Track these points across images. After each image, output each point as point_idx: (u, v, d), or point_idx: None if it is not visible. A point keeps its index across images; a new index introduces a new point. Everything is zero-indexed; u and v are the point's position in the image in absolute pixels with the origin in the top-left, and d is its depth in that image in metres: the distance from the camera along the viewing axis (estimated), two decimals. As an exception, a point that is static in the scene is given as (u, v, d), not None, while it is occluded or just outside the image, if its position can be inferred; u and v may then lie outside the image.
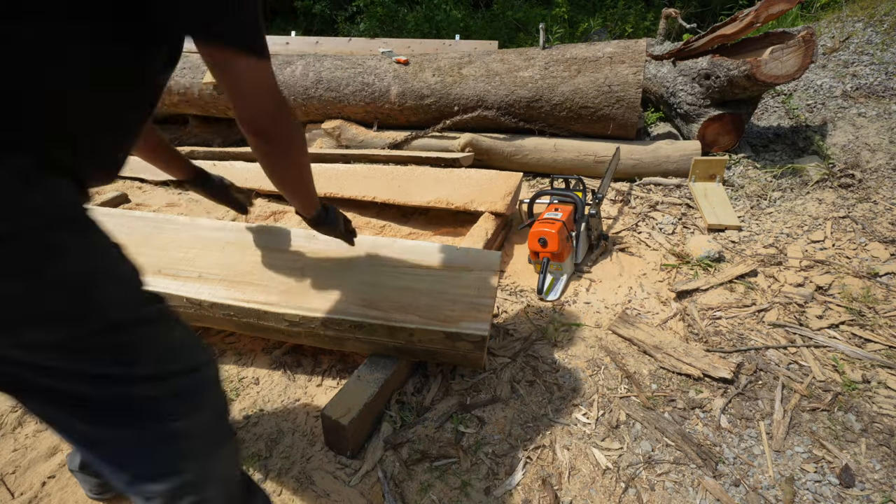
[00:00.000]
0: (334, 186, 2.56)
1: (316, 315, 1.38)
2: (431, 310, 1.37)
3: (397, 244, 1.57)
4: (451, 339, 1.33)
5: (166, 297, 1.43)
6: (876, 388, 1.48)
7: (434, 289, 1.43)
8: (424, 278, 1.46)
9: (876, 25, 3.70)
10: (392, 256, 1.52)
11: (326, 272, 1.50)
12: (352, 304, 1.40)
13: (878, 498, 1.20)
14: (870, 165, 2.58)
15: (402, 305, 1.38)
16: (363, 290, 1.44)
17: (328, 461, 1.31)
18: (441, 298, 1.40)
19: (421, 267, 1.49)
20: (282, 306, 1.40)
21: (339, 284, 1.46)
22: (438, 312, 1.36)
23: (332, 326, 1.39)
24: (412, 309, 1.37)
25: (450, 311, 1.37)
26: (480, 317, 1.35)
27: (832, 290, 1.87)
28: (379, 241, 1.58)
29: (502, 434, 1.38)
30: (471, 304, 1.38)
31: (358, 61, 3.19)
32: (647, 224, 2.39)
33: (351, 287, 1.45)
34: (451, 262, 1.50)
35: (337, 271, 1.50)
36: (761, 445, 1.34)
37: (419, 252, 1.53)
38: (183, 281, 1.51)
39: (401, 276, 1.47)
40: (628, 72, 2.65)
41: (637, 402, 1.48)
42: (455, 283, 1.43)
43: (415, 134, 3.02)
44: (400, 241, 1.59)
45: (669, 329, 1.76)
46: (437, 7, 5.92)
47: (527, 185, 2.87)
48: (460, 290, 1.42)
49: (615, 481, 1.26)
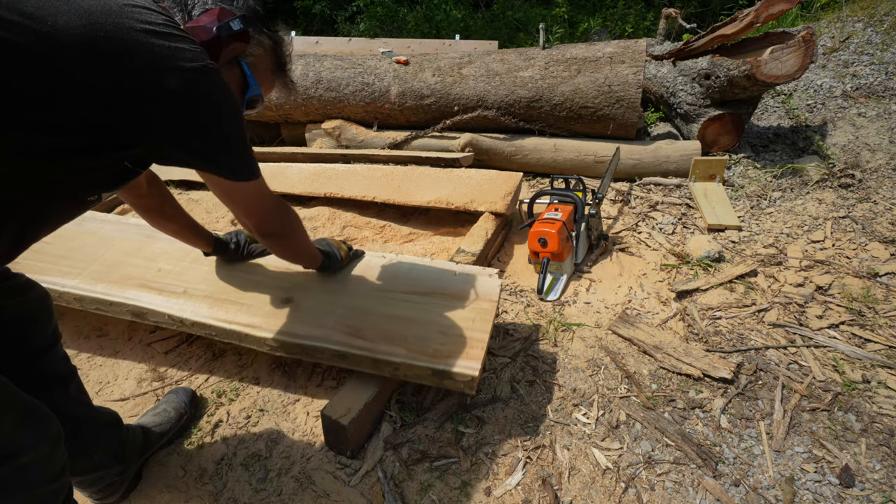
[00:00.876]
0: (334, 186, 2.56)
1: (297, 342, 1.31)
2: (420, 342, 1.28)
3: (394, 264, 1.51)
4: (439, 376, 1.24)
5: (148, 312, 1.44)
6: (876, 388, 1.48)
7: (426, 318, 1.34)
8: (417, 305, 1.38)
9: (876, 25, 3.70)
10: (386, 278, 1.46)
11: (315, 293, 1.44)
12: (336, 332, 1.32)
13: (878, 498, 1.20)
14: (870, 165, 2.58)
15: (389, 335, 1.30)
16: (350, 315, 1.36)
17: (328, 461, 1.31)
18: (432, 329, 1.31)
19: (415, 293, 1.42)
20: (263, 330, 1.35)
21: (327, 308, 1.39)
22: (427, 346, 1.27)
23: (315, 354, 1.33)
24: (400, 340, 1.29)
25: (440, 344, 1.27)
26: (472, 353, 1.25)
27: (832, 290, 1.87)
28: (374, 261, 1.52)
29: (502, 434, 1.38)
30: (463, 339, 1.28)
31: (358, 61, 3.19)
32: (647, 224, 2.39)
33: (338, 312, 1.38)
34: (448, 288, 1.42)
35: (325, 293, 1.44)
36: (761, 445, 1.34)
37: (415, 275, 1.47)
38: (167, 296, 1.47)
39: (392, 302, 1.40)
40: (628, 72, 2.65)
41: (637, 402, 1.48)
42: (449, 313, 1.35)
43: (415, 134, 3.02)
44: (397, 261, 1.52)
45: (669, 329, 1.76)
46: (437, 7, 5.92)
47: (527, 185, 2.87)
48: (454, 321, 1.33)
49: (615, 481, 1.26)
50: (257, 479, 1.28)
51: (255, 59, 0.99)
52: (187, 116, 0.81)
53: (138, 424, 1.30)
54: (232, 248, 1.52)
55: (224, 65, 0.92)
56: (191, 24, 0.87)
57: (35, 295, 1.02)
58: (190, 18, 0.88)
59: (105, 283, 1.55)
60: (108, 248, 1.70)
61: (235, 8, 0.93)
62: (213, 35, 0.87)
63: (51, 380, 1.03)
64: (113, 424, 1.18)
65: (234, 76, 0.95)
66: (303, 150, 3.10)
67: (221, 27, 0.88)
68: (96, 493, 1.18)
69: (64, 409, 1.03)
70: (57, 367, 1.06)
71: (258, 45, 0.98)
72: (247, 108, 1.01)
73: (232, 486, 1.27)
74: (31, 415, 0.83)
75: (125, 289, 1.52)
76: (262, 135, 3.80)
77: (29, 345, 1.00)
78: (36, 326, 1.01)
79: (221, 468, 1.32)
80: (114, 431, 1.18)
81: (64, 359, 1.08)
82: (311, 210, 2.58)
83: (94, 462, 1.11)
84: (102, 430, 1.14)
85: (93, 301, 1.52)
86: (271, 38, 1.02)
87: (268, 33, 1.01)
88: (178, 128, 0.81)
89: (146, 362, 1.66)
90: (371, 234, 2.40)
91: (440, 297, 1.40)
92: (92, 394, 1.56)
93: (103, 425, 1.15)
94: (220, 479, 1.29)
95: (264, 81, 1.04)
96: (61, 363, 1.07)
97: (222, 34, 0.88)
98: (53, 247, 1.71)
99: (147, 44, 0.73)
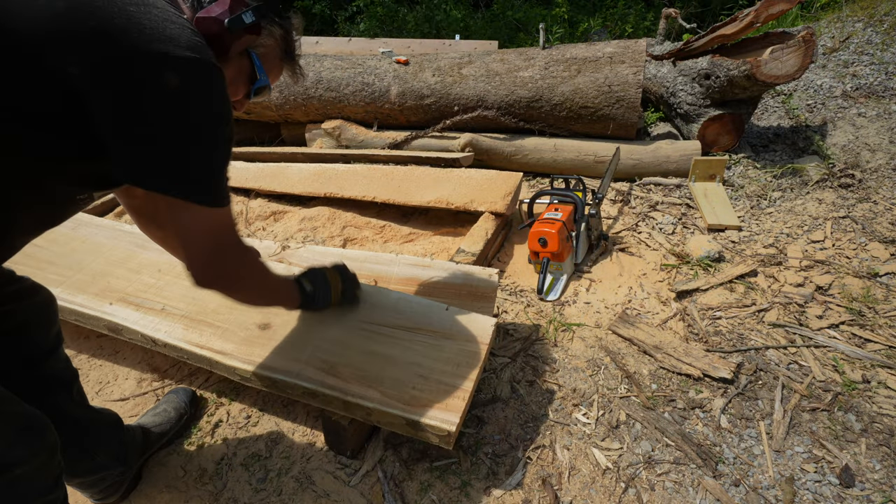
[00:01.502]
0: (334, 186, 2.56)
1: (267, 374, 1.23)
2: (396, 386, 1.17)
3: (381, 292, 1.42)
4: (413, 427, 1.13)
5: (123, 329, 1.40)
6: (876, 388, 1.48)
7: (406, 357, 1.24)
8: (399, 343, 1.28)
9: (876, 25, 3.70)
10: (371, 307, 1.37)
11: (294, 321, 1.35)
12: (309, 367, 1.23)
13: (878, 498, 1.20)
14: (870, 165, 2.58)
15: (364, 375, 1.20)
16: (327, 349, 1.27)
17: (328, 461, 1.31)
18: (411, 372, 1.20)
19: (400, 327, 1.31)
20: (234, 358, 1.27)
21: (304, 338, 1.30)
22: (404, 391, 1.16)
23: (285, 390, 1.24)
24: (375, 382, 1.19)
25: (418, 390, 1.16)
26: (451, 404, 1.13)
27: (832, 290, 1.87)
28: (363, 288, 1.42)
29: (502, 434, 1.38)
30: (444, 386, 1.17)
31: (358, 61, 3.19)
32: (647, 224, 2.39)
33: (315, 343, 1.29)
34: (436, 324, 1.31)
35: (306, 321, 1.35)
36: (761, 445, 1.34)
37: (402, 307, 1.36)
38: (144, 312, 1.42)
39: (374, 336, 1.29)
40: (628, 72, 2.65)
41: (637, 402, 1.48)
42: (433, 354, 1.24)
43: (415, 134, 3.02)
44: (385, 291, 1.43)
45: (669, 329, 1.76)
46: (437, 7, 5.92)
47: (527, 185, 2.87)
48: (437, 363, 1.22)
49: (615, 481, 1.26)
50: (257, 479, 1.28)
51: (266, 49, 0.95)
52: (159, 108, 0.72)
53: (138, 425, 1.30)
54: None
55: (234, 56, 0.89)
56: (201, 14, 0.82)
57: (41, 299, 1.01)
58: (200, 6, 0.83)
59: (86, 295, 1.52)
60: (96, 257, 1.68)
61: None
62: (225, 27, 0.83)
63: (54, 383, 1.03)
64: (113, 426, 1.18)
65: (244, 67, 0.92)
66: (303, 150, 3.10)
67: (233, 20, 0.83)
68: (97, 494, 1.18)
69: (66, 413, 1.04)
70: (59, 371, 1.05)
71: (269, 34, 0.94)
72: (253, 97, 0.98)
73: (232, 486, 1.27)
74: (29, 426, 0.82)
75: (104, 302, 1.48)
76: (262, 135, 3.80)
77: (34, 349, 0.99)
78: (41, 330, 1.01)
79: (221, 468, 1.32)
80: (114, 433, 1.18)
81: (66, 362, 1.08)
82: (311, 210, 2.58)
83: (97, 464, 1.11)
84: (103, 431, 1.14)
85: (72, 313, 1.49)
86: (282, 27, 0.97)
87: (279, 22, 0.96)
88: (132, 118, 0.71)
89: (146, 362, 1.66)
90: (371, 234, 2.40)
91: (426, 333, 1.29)
92: (92, 394, 1.56)
93: (104, 427, 1.15)
94: (220, 479, 1.29)
95: (272, 70, 0.99)
96: (63, 366, 1.07)
97: (234, 27, 0.84)
98: (44, 251, 1.70)
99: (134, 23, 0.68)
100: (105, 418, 1.17)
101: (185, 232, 0.82)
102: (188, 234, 0.83)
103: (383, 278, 1.62)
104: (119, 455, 1.16)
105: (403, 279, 1.61)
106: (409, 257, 1.70)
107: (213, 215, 0.83)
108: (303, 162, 2.98)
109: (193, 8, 0.83)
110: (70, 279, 1.59)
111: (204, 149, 0.78)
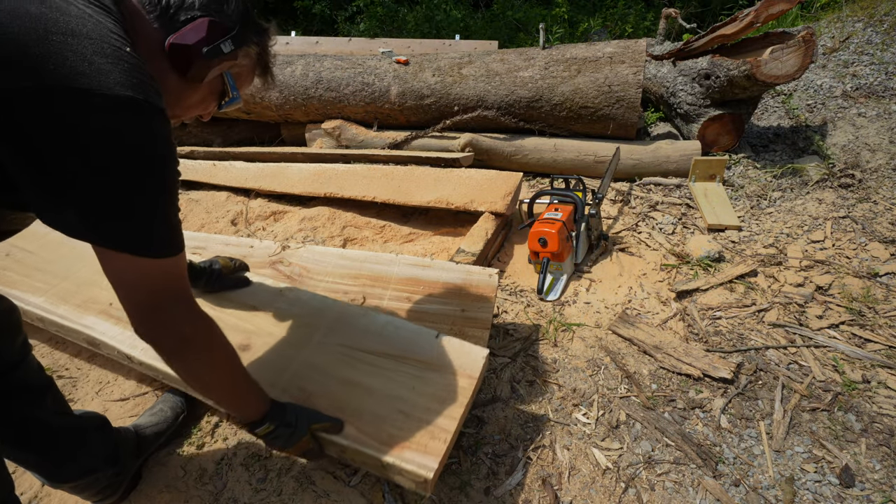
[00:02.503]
0: (334, 186, 2.56)
1: None
2: (374, 422, 1.08)
3: (369, 317, 1.34)
4: (387, 469, 1.04)
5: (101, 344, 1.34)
6: (876, 388, 1.48)
7: (388, 390, 1.15)
8: (382, 372, 1.19)
9: (876, 25, 3.70)
10: (357, 331, 1.29)
11: (274, 342, 1.28)
12: (285, 395, 1.14)
13: (878, 498, 1.20)
14: (870, 165, 2.58)
15: (342, 408, 1.11)
16: (306, 375, 1.19)
17: (328, 461, 1.31)
18: (392, 407, 1.11)
19: (385, 354, 1.23)
20: None
21: (283, 362, 1.23)
22: (381, 428, 1.07)
23: None
24: (352, 416, 1.09)
25: (396, 428, 1.07)
26: (432, 447, 1.03)
27: (832, 290, 1.87)
28: (349, 311, 1.34)
29: (502, 434, 1.38)
30: (426, 424, 1.07)
31: (358, 61, 3.19)
32: (647, 224, 2.39)
33: (294, 368, 1.21)
34: (423, 354, 1.22)
35: (286, 343, 1.28)
36: (761, 445, 1.34)
37: (389, 332, 1.28)
38: (123, 327, 1.36)
39: (356, 364, 1.21)
40: (628, 72, 2.65)
41: (637, 402, 1.48)
42: (417, 387, 1.15)
43: (415, 134, 3.02)
44: (373, 314, 1.35)
45: (669, 329, 1.76)
46: (437, 7, 5.92)
47: (527, 185, 2.87)
48: (420, 398, 1.12)
49: (615, 481, 1.26)
50: (257, 479, 1.28)
51: (241, 69, 0.90)
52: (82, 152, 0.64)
53: (132, 425, 1.31)
54: (204, 279, 1.37)
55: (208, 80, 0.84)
56: (175, 41, 0.76)
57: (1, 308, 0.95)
58: (172, 27, 0.77)
59: (68, 306, 1.48)
60: (83, 265, 1.64)
61: (227, 18, 0.81)
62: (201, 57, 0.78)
63: (24, 392, 1.00)
64: (99, 428, 1.18)
65: (216, 86, 0.88)
66: (303, 150, 3.10)
67: (211, 51, 0.78)
68: (95, 496, 1.18)
69: (41, 420, 1.03)
70: (30, 380, 1.02)
71: (245, 55, 0.88)
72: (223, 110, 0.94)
73: (232, 486, 1.27)
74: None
75: (85, 314, 1.43)
76: (262, 135, 3.80)
77: None
78: (5, 340, 0.96)
79: (221, 468, 1.31)
80: (101, 435, 1.17)
81: (38, 370, 1.04)
82: (311, 210, 2.58)
83: (81, 467, 1.11)
84: (87, 434, 1.13)
85: (52, 324, 1.46)
86: (258, 45, 0.91)
87: (255, 41, 0.90)
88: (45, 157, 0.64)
89: (146, 362, 1.66)
90: (371, 234, 2.40)
91: (412, 363, 1.20)
92: (92, 394, 1.56)
93: (89, 430, 1.15)
94: (220, 479, 1.29)
95: (245, 84, 0.95)
96: (35, 375, 1.04)
97: (212, 56, 0.78)
98: (34, 257, 1.68)
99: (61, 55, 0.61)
100: (88, 422, 1.16)
101: (118, 281, 0.73)
102: (122, 284, 0.73)
103: (383, 278, 1.62)
104: (109, 456, 1.16)
105: (403, 279, 1.61)
106: (409, 257, 1.69)
107: (150, 266, 0.73)
108: (303, 162, 2.98)
109: (164, 29, 0.77)
110: (55, 287, 1.55)
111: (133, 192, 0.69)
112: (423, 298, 1.55)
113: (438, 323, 1.46)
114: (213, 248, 1.80)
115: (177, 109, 0.86)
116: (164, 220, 0.74)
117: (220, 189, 2.92)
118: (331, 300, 1.38)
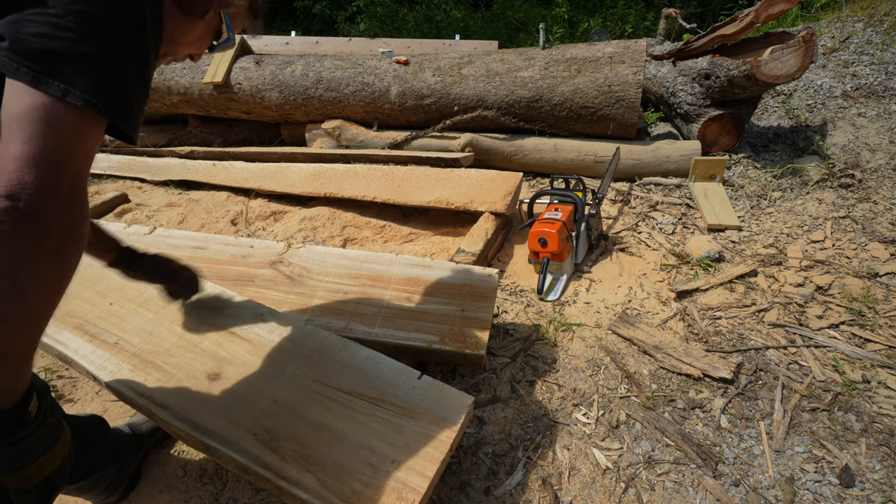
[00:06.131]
0: (334, 186, 2.57)
1: (201, 438, 1.06)
2: (339, 474, 1.00)
3: (350, 349, 1.26)
4: None
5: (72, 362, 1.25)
6: (876, 388, 1.48)
7: (358, 437, 1.06)
8: (355, 415, 1.10)
9: (876, 25, 3.70)
10: (337, 366, 1.21)
11: (248, 373, 1.20)
12: (248, 435, 1.06)
13: (878, 498, 1.20)
14: (870, 165, 2.58)
15: (306, 454, 1.03)
16: (273, 413, 1.11)
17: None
18: (360, 458, 1.02)
19: (361, 395, 1.14)
20: (172, 415, 1.11)
21: (253, 397, 1.14)
22: (346, 482, 0.98)
23: (219, 458, 1.07)
24: (316, 465, 1.01)
25: (362, 484, 0.98)
26: None
27: (832, 290, 1.87)
28: (329, 342, 1.27)
29: (502, 434, 1.38)
30: (394, 481, 0.98)
31: (358, 61, 3.19)
32: (647, 224, 2.39)
33: (262, 404, 1.12)
34: (402, 398, 1.13)
35: (260, 375, 1.20)
36: (761, 445, 1.34)
37: (369, 368, 1.21)
38: (96, 345, 1.29)
39: (329, 403, 1.12)
40: (628, 72, 2.65)
41: (637, 402, 1.48)
42: (390, 437, 1.06)
43: (415, 134, 3.02)
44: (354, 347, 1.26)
45: (669, 329, 1.76)
46: (437, 7, 5.93)
47: (527, 185, 2.87)
48: (392, 450, 1.03)
49: (615, 481, 1.26)
50: (257, 479, 1.28)
51: (238, 9, 0.94)
52: None
53: (126, 424, 1.33)
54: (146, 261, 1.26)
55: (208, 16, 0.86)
56: None
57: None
58: None
59: None
60: None
61: None
62: None
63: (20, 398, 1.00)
64: (96, 426, 1.19)
65: (213, 24, 0.91)
66: (303, 150, 3.10)
67: None
68: (100, 496, 1.19)
69: None
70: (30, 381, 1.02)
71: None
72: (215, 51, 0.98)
73: (232, 486, 1.27)
74: None
75: (61, 329, 1.36)
76: (262, 135, 3.81)
77: None
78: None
79: (221, 468, 1.31)
80: (97, 434, 1.18)
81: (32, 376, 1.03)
82: (311, 210, 2.58)
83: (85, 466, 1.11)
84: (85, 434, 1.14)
85: None
86: None
87: None
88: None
89: (146, 362, 1.66)
90: (371, 234, 2.40)
91: (388, 408, 1.11)
92: (92, 394, 1.57)
93: (86, 429, 1.15)
94: (220, 479, 1.29)
95: (237, 27, 0.98)
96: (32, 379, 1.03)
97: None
98: None
99: None
100: (84, 422, 1.17)
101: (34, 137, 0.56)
102: (35, 142, 0.56)
103: (383, 278, 1.62)
104: (109, 454, 1.17)
105: (403, 279, 1.61)
106: (408, 257, 1.69)
107: (78, 127, 0.59)
108: (303, 162, 2.98)
109: None
110: None
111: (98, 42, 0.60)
112: (423, 298, 1.55)
113: (438, 323, 1.46)
114: (213, 247, 1.80)
115: (173, 45, 0.87)
116: (124, 80, 0.65)
117: (220, 189, 2.92)
118: (311, 328, 1.30)
